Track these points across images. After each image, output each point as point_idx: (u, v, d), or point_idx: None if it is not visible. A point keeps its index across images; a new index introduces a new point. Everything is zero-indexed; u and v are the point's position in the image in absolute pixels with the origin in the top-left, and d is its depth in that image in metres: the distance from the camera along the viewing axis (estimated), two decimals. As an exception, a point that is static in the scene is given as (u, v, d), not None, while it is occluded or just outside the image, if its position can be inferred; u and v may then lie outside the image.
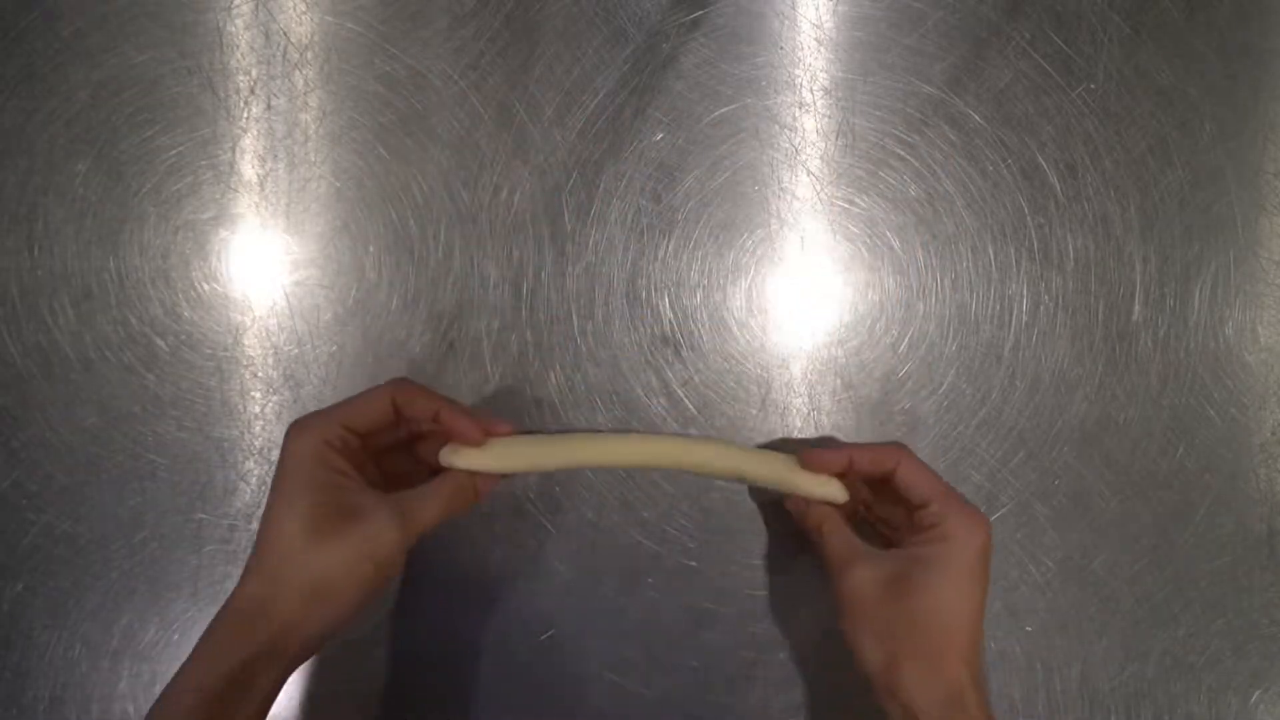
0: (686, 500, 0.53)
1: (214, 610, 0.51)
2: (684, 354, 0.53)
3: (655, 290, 0.53)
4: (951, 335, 0.53)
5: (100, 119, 0.51)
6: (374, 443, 0.44)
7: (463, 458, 0.44)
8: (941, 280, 0.53)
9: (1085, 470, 0.53)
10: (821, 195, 0.53)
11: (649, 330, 0.53)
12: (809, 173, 0.53)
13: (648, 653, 0.53)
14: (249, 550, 0.52)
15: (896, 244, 0.53)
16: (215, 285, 0.52)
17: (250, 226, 0.52)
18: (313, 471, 0.40)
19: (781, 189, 0.53)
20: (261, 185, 0.52)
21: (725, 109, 0.53)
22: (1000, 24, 0.53)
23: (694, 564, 0.53)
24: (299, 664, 0.41)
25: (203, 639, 0.40)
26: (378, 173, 0.52)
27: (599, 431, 0.52)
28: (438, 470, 0.45)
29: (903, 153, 0.53)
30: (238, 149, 0.52)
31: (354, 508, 0.40)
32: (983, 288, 0.53)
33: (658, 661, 0.53)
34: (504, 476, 0.47)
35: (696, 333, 0.53)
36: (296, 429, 0.42)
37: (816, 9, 0.53)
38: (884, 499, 0.48)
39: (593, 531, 0.53)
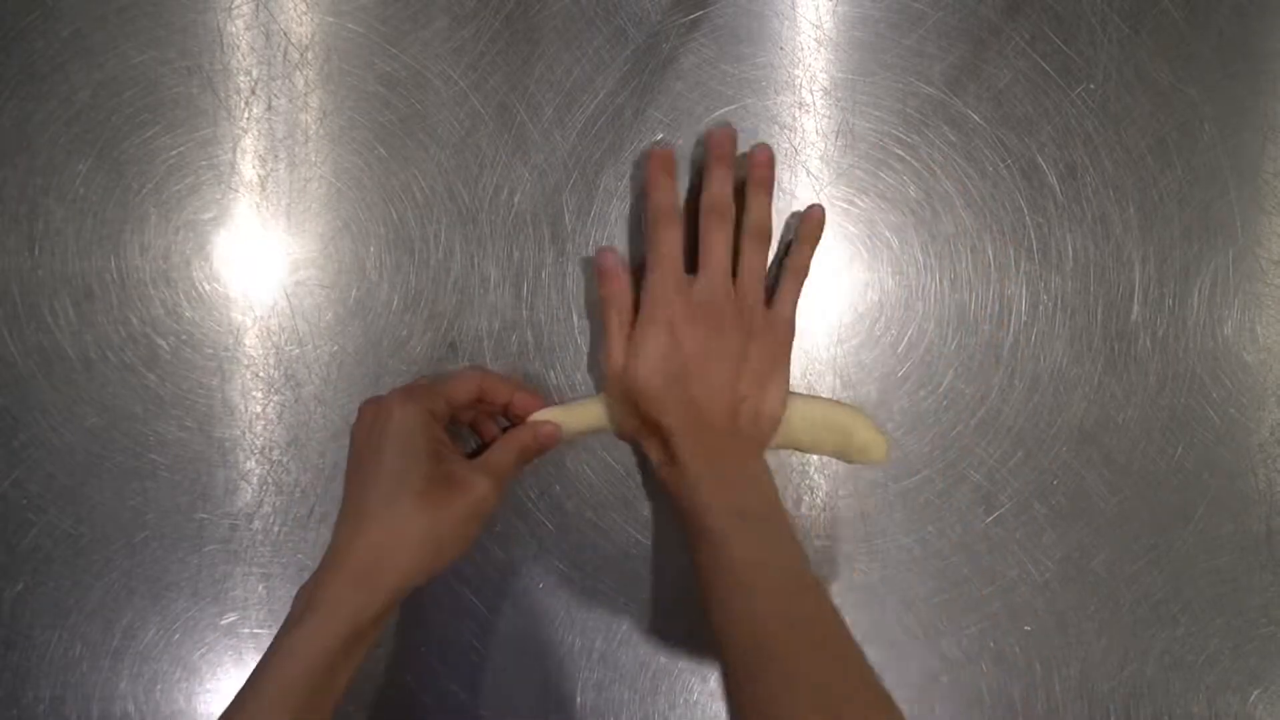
0: (686, 500, 0.53)
1: (215, 610, 0.52)
2: (684, 354, 0.53)
3: (655, 290, 0.53)
4: (950, 335, 0.53)
5: (101, 119, 0.51)
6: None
7: (548, 414, 0.50)
8: (941, 280, 0.53)
9: (1084, 470, 0.53)
10: (821, 195, 0.53)
11: (649, 330, 0.53)
12: (809, 173, 0.53)
13: (648, 652, 0.53)
14: (250, 550, 0.52)
15: (896, 244, 0.53)
16: (216, 285, 0.52)
17: (251, 226, 0.52)
18: (421, 441, 0.44)
19: (781, 189, 0.53)
20: (262, 185, 0.52)
21: (725, 109, 0.53)
22: (1000, 24, 0.53)
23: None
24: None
25: (317, 598, 0.42)
26: (378, 173, 0.52)
27: None
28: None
29: (903, 153, 0.53)
30: (238, 149, 0.52)
31: (459, 476, 0.45)
32: (982, 288, 0.53)
33: (658, 661, 0.53)
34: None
35: (696, 333, 0.53)
36: (404, 397, 0.45)
37: (816, 9, 0.53)
38: None
39: (593, 531, 0.53)
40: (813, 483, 0.53)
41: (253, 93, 0.52)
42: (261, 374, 0.52)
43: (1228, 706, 0.53)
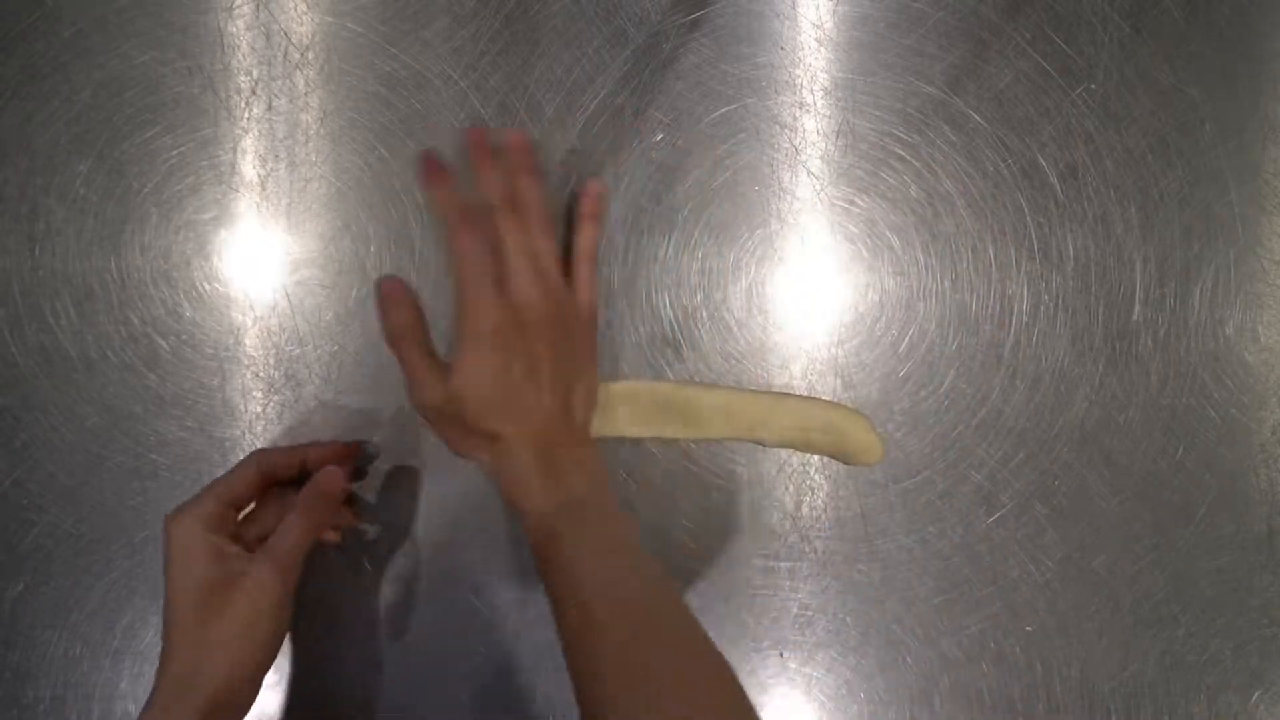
0: (686, 500, 0.53)
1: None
2: (684, 354, 0.53)
3: (655, 290, 0.53)
4: (951, 335, 0.53)
5: (102, 119, 0.52)
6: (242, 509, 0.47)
7: None
8: (941, 280, 0.53)
9: (1085, 470, 0.53)
10: (821, 195, 0.53)
11: (649, 330, 0.53)
12: (809, 173, 0.53)
13: (648, 652, 0.53)
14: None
15: (896, 244, 0.53)
16: (217, 285, 0.52)
17: (251, 226, 0.52)
18: (196, 552, 0.43)
19: (781, 189, 0.53)
20: (263, 185, 0.52)
21: (725, 109, 0.53)
22: (1000, 24, 0.53)
23: (694, 564, 0.53)
24: (248, 709, 0.44)
25: None
26: (378, 173, 0.52)
27: None
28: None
29: (903, 153, 0.53)
30: (239, 149, 0.52)
31: (236, 574, 0.44)
32: (983, 288, 0.53)
33: (658, 661, 0.53)
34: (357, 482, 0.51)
35: (696, 333, 0.53)
36: (173, 517, 0.44)
37: (816, 9, 0.53)
38: None
39: (593, 531, 0.53)
40: (813, 483, 0.53)
41: (253, 93, 0.52)
42: (261, 374, 0.52)
43: (1228, 707, 0.53)
